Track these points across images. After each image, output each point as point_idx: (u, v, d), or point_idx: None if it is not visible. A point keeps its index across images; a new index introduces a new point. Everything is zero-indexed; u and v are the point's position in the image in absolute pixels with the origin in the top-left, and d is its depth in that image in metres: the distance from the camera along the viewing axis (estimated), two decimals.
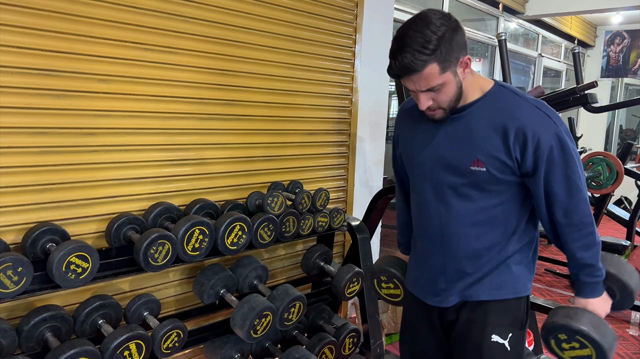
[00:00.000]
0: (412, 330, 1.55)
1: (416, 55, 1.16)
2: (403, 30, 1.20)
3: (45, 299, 1.68)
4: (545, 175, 1.25)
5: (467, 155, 1.29)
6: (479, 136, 1.28)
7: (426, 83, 1.21)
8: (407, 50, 1.17)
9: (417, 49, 1.16)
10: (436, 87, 1.22)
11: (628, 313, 3.58)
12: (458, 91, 1.26)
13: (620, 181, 3.58)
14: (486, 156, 1.26)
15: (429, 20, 1.17)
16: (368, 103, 2.89)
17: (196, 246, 1.75)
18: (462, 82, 1.26)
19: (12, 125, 1.57)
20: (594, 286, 1.32)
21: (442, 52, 1.17)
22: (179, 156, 2.01)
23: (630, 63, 7.56)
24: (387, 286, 1.59)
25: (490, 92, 1.30)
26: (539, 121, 1.23)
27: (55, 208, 1.70)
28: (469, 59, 1.24)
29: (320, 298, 2.31)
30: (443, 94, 1.24)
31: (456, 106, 1.29)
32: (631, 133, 8.56)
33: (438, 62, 1.18)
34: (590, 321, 1.27)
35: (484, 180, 1.28)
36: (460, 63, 1.23)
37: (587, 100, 2.84)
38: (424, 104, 1.27)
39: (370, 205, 2.68)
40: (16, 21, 1.54)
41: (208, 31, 2.04)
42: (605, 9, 5.51)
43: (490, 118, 1.27)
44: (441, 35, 1.16)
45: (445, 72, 1.20)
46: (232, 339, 1.98)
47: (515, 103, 1.26)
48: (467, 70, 1.25)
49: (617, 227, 6.06)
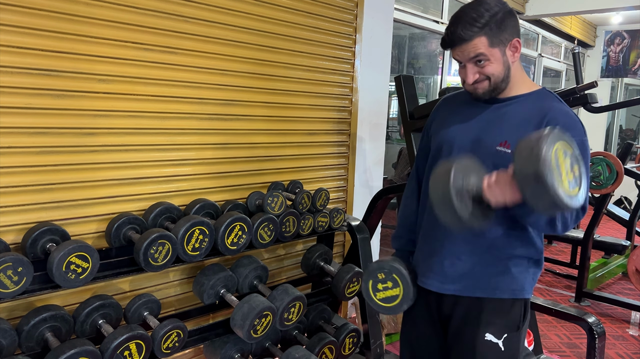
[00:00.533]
0: (413, 326, 1.55)
1: (467, 27, 1.25)
2: (461, 8, 1.29)
3: (45, 299, 1.68)
4: None
5: (497, 136, 1.31)
6: (513, 124, 1.31)
7: (474, 51, 1.26)
8: (460, 22, 1.26)
9: (469, 21, 1.25)
10: (483, 58, 1.27)
11: (628, 313, 3.59)
12: (505, 72, 1.30)
13: (620, 181, 3.58)
14: (515, 140, 1.25)
15: (483, 1, 1.27)
16: (368, 103, 2.89)
17: (196, 246, 1.75)
18: (510, 65, 1.30)
19: (12, 125, 1.57)
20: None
21: (493, 28, 1.24)
22: (179, 156, 2.02)
23: (630, 63, 7.56)
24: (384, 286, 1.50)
25: (537, 92, 1.34)
26: (572, 122, 1.27)
27: (55, 208, 1.70)
28: (519, 43, 1.30)
29: (320, 298, 2.31)
30: (490, 68, 1.28)
31: (502, 88, 1.32)
32: (631, 133, 8.56)
33: (487, 37, 1.25)
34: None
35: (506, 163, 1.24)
36: (510, 46, 1.29)
37: (587, 100, 2.84)
38: (470, 77, 1.30)
39: (370, 205, 2.68)
40: (16, 21, 1.54)
41: (208, 31, 2.04)
42: (605, 9, 5.51)
43: (528, 112, 1.30)
44: (493, 14, 1.24)
45: (494, 47, 1.26)
46: (232, 339, 1.98)
47: (556, 106, 1.31)
48: (517, 55, 1.30)
49: (617, 227, 6.06)
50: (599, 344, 2.09)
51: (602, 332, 2.09)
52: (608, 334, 3.22)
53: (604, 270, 4.49)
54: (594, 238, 3.82)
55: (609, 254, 4.86)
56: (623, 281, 4.32)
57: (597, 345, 2.09)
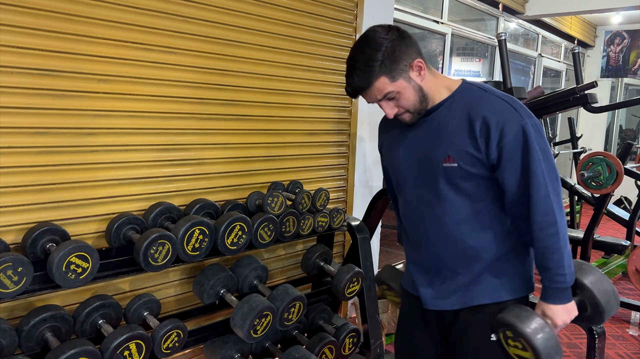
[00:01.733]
0: (408, 334, 1.54)
1: (362, 75, 1.24)
2: (350, 53, 1.29)
3: (45, 299, 1.68)
4: (506, 165, 1.25)
5: (439, 152, 1.31)
6: (448, 133, 1.30)
7: (379, 92, 1.27)
8: (355, 71, 1.26)
9: (362, 68, 1.24)
10: (391, 94, 1.27)
11: (628, 313, 3.59)
12: (419, 94, 1.30)
13: (620, 181, 3.58)
14: (456, 151, 1.28)
15: (369, 39, 1.25)
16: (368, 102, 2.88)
17: (196, 246, 1.75)
18: (420, 84, 1.29)
19: (12, 125, 1.57)
20: (556, 292, 1.28)
21: (387, 64, 1.23)
22: (178, 156, 2.02)
23: (630, 63, 7.56)
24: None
25: (457, 91, 1.33)
26: (503, 112, 1.24)
27: (55, 208, 1.70)
28: (421, 62, 1.27)
29: (320, 298, 2.31)
30: (403, 100, 1.29)
31: (424, 107, 1.32)
32: (631, 133, 8.56)
33: (385, 75, 1.24)
34: (536, 327, 1.24)
35: (458, 176, 1.29)
36: (413, 68, 1.27)
37: (587, 100, 2.84)
38: (389, 113, 1.32)
39: (370, 205, 2.68)
40: (16, 21, 1.54)
41: (208, 31, 2.04)
42: (605, 9, 5.51)
43: (458, 115, 1.29)
44: (383, 50, 1.22)
45: (396, 80, 1.26)
46: (232, 339, 1.98)
47: (481, 97, 1.29)
48: (424, 72, 1.29)
49: (617, 227, 6.06)
50: (599, 344, 2.09)
51: (602, 332, 2.09)
52: (608, 334, 3.22)
53: (604, 270, 4.49)
54: (594, 238, 3.81)
55: (609, 254, 4.85)
56: (623, 281, 4.32)
57: (597, 345, 2.09)
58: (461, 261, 1.36)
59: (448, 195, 1.31)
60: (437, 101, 1.33)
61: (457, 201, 1.31)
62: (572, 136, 5.53)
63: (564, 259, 1.26)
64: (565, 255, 1.27)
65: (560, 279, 1.27)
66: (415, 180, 1.38)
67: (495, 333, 1.33)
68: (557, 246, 1.25)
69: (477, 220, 1.33)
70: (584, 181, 3.65)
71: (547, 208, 1.24)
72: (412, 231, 1.45)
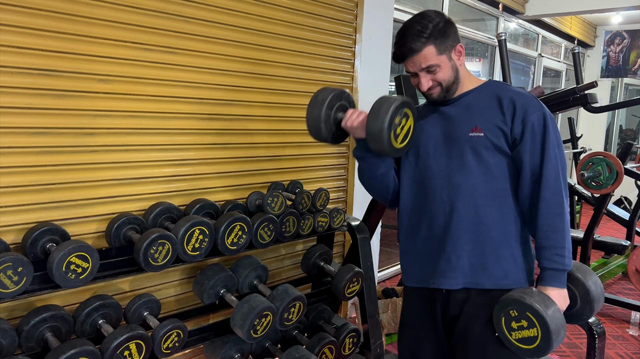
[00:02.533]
0: (412, 327, 1.55)
1: (415, 39, 1.36)
2: (404, 24, 1.41)
3: (45, 299, 1.68)
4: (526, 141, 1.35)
5: (466, 125, 1.41)
6: (477, 110, 1.41)
7: (425, 61, 1.37)
8: (408, 36, 1.37)
9: (415, 34, 1.36)
10: (434, 67, 1.38)
11: (628, 313, 3.59)
12: (455, 74, 1.42)
13: (620, 181, 3.58)
14: (485, 123, 1.39)
15: (424, 15, 1.39)
16: (368, 103, 2.86)
17: (196, 246, 1.75)
18: (458, 67, 1.42)
19: (12, 125, 1.57)
20: (554, 275, 1.33)
21: (437, 37, 1.36)
22: (179, 156, 2.02)
23: (630, 63, 7.56)
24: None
25: (486, 83, 1.47)
26: (528, 99, 1.39)
27: (55, 208, 1.70)
28: (462, 47, 1.42)
29: (320, 298, 2.31)
30: (441, 73, 1.40)
31: (454, 89, 1.43)
32: (631, 133, 8.56)
33: (434, 46, 1.36)
34: (543, 300, 1.28)
35: (483, 146, 1.37)
36: (455, 51, 1.40)
37: (587, 100, 2.84)
38: (424, 84, 1.41)
39: (370, 205, 2.68)
40: (16, 21, 1.54)
41: (208, 31, 2.04)
42: (605, 9, 5.51)
43: (486, 99, 1.42)
44: (435, 24, 1.36)
45: (441, 54, 1.37)
46: (232, 339, 1.98)
47: (507, 87, 1.45)
48: (462, 58, 1.42)
49: (617, 227, 6.06)
50: (599, 344, 2.09)
51: (602, 332, 2.09)
52: (608, 334, 3.22)
53: (604, 270, 4.49)
54: (594, 238, 3.82)
55: (609, 254, 4.86)
56: (623, 281, 4.32)
57: (597, 345, 2.09)
58: (470, 237, 1.38)
59: (471, 165, 1.38)
60: (464, 89, 1.45)
61: (478, 173, 1.38)
62: (572, 136, 5.53)
63: (565, 241, 1.32)
64: (567, 238, 1.33)
65: (560, 260, 1.31)
66: (438, 153, 1.45)
67: (497, 322, 1.33)
68: (561, 227, 1.32)
69: (492, 197, 1.38)
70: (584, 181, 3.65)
71: (557, 189, 1.32)
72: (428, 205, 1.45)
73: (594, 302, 1.37)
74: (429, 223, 1.45)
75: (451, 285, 1.41)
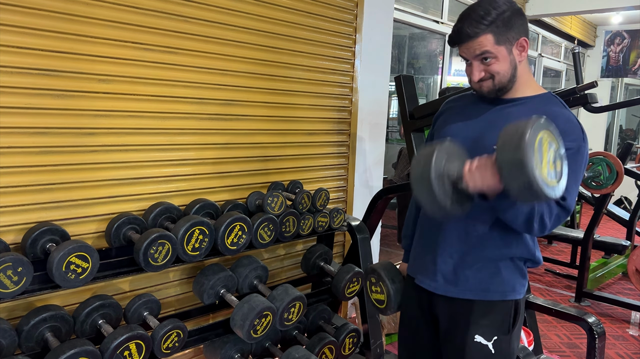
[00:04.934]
0: (407, 320, 1.56)
1: (474, 24, 1.24)
2: (470, 6, 1.29)
3: (45, 299, 1.68)
4: None
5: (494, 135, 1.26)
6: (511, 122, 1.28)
7: (479, 48, 1.26)
8: (467, 19, 1.26)
9: (475, 18, 1.24)
10: (489, 56, 1.26)
11: (628, 313, 3.59)
12: (512, 71, 1.29)
13: (620, 181, 3.58)
14: None
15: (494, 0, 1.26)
16: (368, 103, 2.89)
17: (196, 246, 1.75)
18: (517, 64, 1.29)
19: (12, 125, 1.57)
20: None
21: (499, 26, 1.24)
22: (179, 156, 2.02)
23: (630, 63, 7.56)
24: (375, 289, 1.63)
25: (542, 95, 1.33)
26: (571, 124, 1.25)
27: (55, 208, 1.70)
28: (526, 42, 1.28)
29: (320, 298, 2.31)
30: (496, 65, 1.27)
31: (507, 87, 1.31)
32: (631, 133, 8.56)
33: (493, 34, 1.24)
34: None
35: None
36: (517, 45, 1.28)
37: (587, 100, 2.84)
38: (476, 75, 1.30)
39: (370, 205, 2.68)
40: (16, 21, 1.54)
41: (208, 31, 2.04)
42: (605, 9, 5.51)
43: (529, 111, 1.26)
44: (501, 12, 1.23)
45: (500, 45, 1.25)
46: (232, 339, 1.98)
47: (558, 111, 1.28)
48: (524, 54, 1.29)
49: (617, 227, 6.06)
50: (599, 344, 2.09)
51: (602, 332, 2.09)
52: (608, 334, 3.22)
53: (604, 270, 4.49)
54: (594, 238, 3.82)
55: (609, 254, 4.86)
56: (623, 281, 4.32)
57: (597, 345, 2.09)
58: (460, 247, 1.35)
59: None
60: (518, 94, 1.33)
61: None
62: None
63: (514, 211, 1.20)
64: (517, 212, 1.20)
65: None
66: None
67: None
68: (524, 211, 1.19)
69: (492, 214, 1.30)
70: (584, 181, 3.65)
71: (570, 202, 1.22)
72: None
73: None
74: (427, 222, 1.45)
75: (432, 288, 1.41)
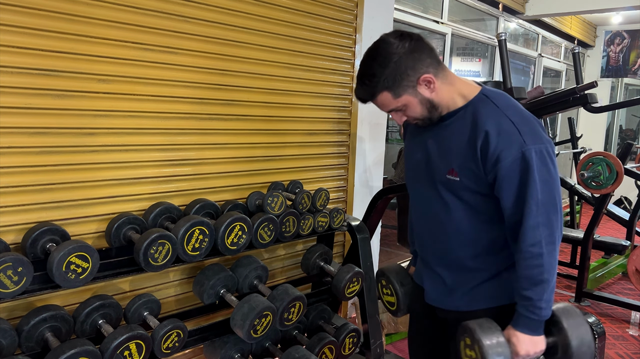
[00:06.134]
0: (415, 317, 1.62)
1: (366, 89, 1.26)
2: (360, 62, 1.27)
3: (45, 299, 1.68)
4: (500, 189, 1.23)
5: (445, 163, 1.31)
6: (455, 145, 1.29)
7: (385, 107, 1.30)
8: (360, 83, 1.27)
9: (366, 82, 1.25)
10: (397, 108, 1.28)
11: (628, 313, 3.58)
12: (427, 106, 1.28)
13: (620, 181, 3.58)
14: (460, 166, 1.27)
15: (379, 53, 1.22)
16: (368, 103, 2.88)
17: (196, 246, 1.75)
18: (429, 97, 1.26)
19: (12, 125, 1.57)
20: (527, 321, 1.24)
21: (390, 81, 1.22)
22: (179, 156, 2.02)
23: (630, 63, 7.56)
24: (386, 292, 1.67)
25: (473, 102, 1.29)
26: (506, 136, 1.20)
27: (55, 208, 1.70)
28: (430, 77, 1.23)
29: (320, 298, 2.31)
30: (410, 111, 1.29)
31: (435, 116, 1.31)
32: (631, 133, 8.56)
33: (388, 91, 1.24)
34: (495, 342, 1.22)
35: (460, 189, 1.29)
36: (420, 83, 1.24)
37: (587, 100, 2.85)
38: (398, 120, 1.34)
39: (370, 205, 2.68)
40: (16, 21, 1.54)
41: (208, 31, 2.04)
42: (605, 9, 5.51)
43: (467, 128, 1.26)
44: (390, 66, 1.20)
45: (400, 96, 1.25)
46: (232, 339, 1.98)
47: (491, 114, 1.24)
48: (434, 86, 1.25)
49: (617, 227, 6.06)
50: (599, 344, 2.09)
51: (602, 332, 2.09)
52: (608, 334, 3.22)
53: (604, 270, 4.49)
54: (594, 238, 3.82)
55: (609, 254, 4.86)
56: (623, 281, 4.32)
57: (597, 345, 2.09)
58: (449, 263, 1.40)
59: (451, 204, 1.33)
60: (452, 108, 1.30)
61: (461, 210, 1.32)
62: (572, 136, 5.53)
63: (544, 292, 1.22)
64: (547, 289, 1.22)
65: (536, 311, 1.23)
66: (425, 180, 1.39)
67: (458, 339, 1.33)
68: (539, 279, 1.21)
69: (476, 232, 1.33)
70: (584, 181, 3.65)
71: (534, 240, 1.20)
72: (420, 228, 1.49)
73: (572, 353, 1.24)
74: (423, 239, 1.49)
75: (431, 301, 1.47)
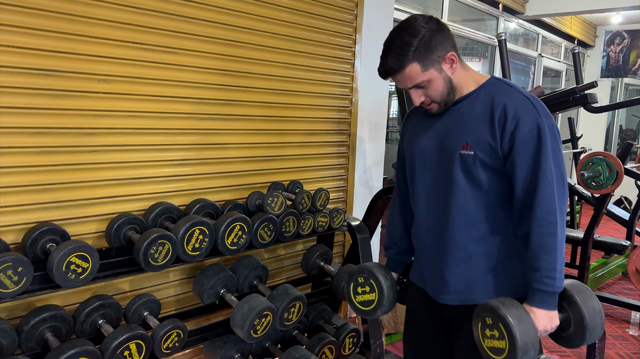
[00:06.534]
0: (415, 325, 1.57)
1: (396, 57, 1.29)
2: (389, 36, 1.34)
3: (45, 299, 1.68)
4: (516, 157, 1.26)
5: (458, 140, 1.34)
6: (470, 123, 1.33)
7: (410, 80, 1.31)
8: (390, 53, 1.30)
9: (397, 51, 1.28)
10: (422, 83, 1.31)
11: (628, 313, 3.59)
12: (448, 85, 1.33)
13: (620, 181, 3.57)
14: (475, 140, 1.30)
15: (409, 25, 1.29)
16: (368, 103, 2.89)
17: (196, 246, 1.75)
18: (451, 77, 1.33)
19: (12, 125, 1.57)
20: (542, 296, 1.25)
21: (421, 52, 1.27)
22: (179, 156, 2.02)
23: (630, 63, 7.56)
24: (362, 290, 1.54)
25: (485, 84, 1.36)
26: (523, 106, 1.27)
27: (55, 208, 1.70)
28: (454, 55, 1.31)
29: (320, 298, 2.31)
30: (432, 89, 1.32)
31: (451, 99, 1.36)
32: (631, 133, 8.56)
33: (418, 62, 1.28)
34: (519, 314, 1.22)
35: (473, 164, 1.30)
36: (445, 60, 1.30)
37: (587, 100, 2.84)
38: (416, 100, 1.36)
39: (370, 205, 2.68)
40: (16, 21, 1.54)
41: (208, 31, 2.04)
42: (605, 9, 5.50)
43: (482, 106, 1.32)
44: (420, 38, 1.26)
45: (427, 69, 1.29)
46: (232, 339, 1.98)
47: (505, 90, 1.32)
48: (455, 66, 1.32)
49: (617, 227, 6.06)
50: (599, 344, 2.09)
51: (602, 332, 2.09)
52: (608, 334, 3.22)
53: (604, 270, 4.49)
54: (594, 238, 3.81)
55: (609, 254, 4.86)
56: (623, 281, 4.32)
57: (597, 345, 2.09)
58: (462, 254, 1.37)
59: (461, 182, 1.33)
60: (464, 93, 1.36)
61: (468, 190, 1.33)
62: (572, 136, 5.53)
63: (556, 262, 1.24)
64: (558, 259, 1.25)
65: (550, 282, 1.24)
66: (434, 166, 1.40)
67: (476, 321, 1.31)
68: (553, 247, 1.24)
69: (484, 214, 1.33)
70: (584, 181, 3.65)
71: (550, 207, 1.24)
72: (425, 217, 1.46)
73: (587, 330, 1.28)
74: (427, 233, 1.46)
75: (445, 301, 1.43)
